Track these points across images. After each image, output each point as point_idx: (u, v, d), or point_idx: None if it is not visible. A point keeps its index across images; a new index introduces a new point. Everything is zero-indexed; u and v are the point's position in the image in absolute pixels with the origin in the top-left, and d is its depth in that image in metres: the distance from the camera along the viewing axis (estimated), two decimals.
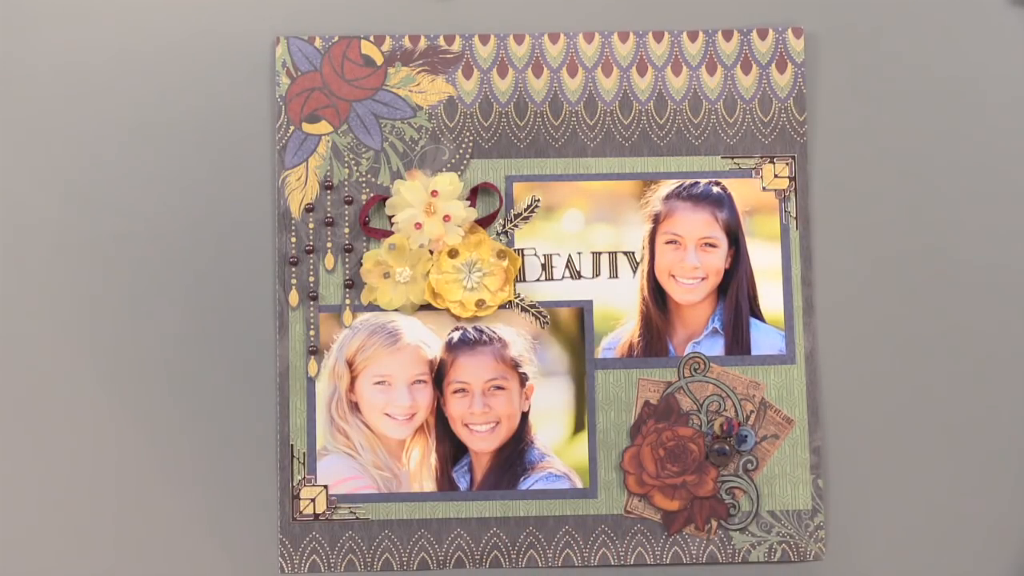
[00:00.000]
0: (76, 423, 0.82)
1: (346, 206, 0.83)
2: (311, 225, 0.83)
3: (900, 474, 0.83)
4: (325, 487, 0.82)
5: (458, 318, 0.83)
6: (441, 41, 0.84)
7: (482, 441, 0.82)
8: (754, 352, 0.83)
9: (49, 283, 0.83)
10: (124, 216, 0.83)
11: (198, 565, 0.82)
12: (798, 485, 0.82)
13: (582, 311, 0.83)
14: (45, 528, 0.82)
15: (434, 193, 0.82)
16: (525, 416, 0.82)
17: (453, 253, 0.82)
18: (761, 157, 0.84)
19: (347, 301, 0.83)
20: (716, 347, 0.83)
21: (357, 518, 0.82)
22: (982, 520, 0.83)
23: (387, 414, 0.82)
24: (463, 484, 0.82)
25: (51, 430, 0.82)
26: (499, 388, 0.82)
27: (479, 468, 0.82)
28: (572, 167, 0.84)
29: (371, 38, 0.84)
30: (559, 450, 0.83)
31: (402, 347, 0.82)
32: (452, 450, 0.82)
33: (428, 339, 0.82)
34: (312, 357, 0.82)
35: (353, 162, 0.84)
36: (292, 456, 0.82)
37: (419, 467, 0.82)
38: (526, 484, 0.82)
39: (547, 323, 0.83)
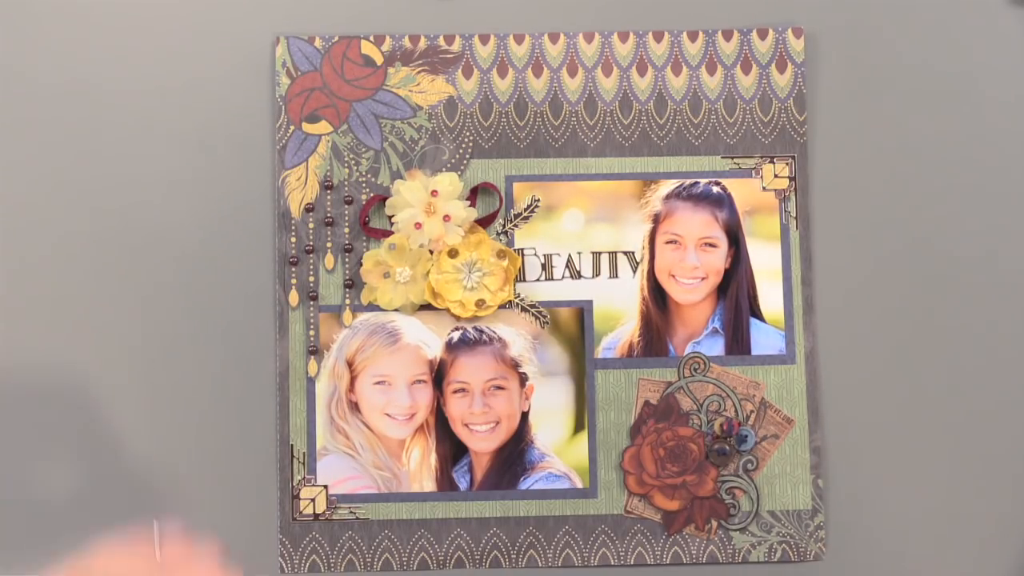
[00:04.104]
0: (75, 422, 0.82)
1: (346, 206, 0.83)
2: (311, 225, 0.83)
3: (900, 474, 0.83)
4: (325, 487, 0.82)
5: (458, 318, 0.82)
6: (441, 41, 0.84)
7: (482, 441, 0.82)
8: (754, 352, 0.83)
9: (48, 283, 0.83)
10: (124, 216, 0.83)
11: None
12: (798, 485, 0.82)
13: (582, 311, 0.83)
14: (45, 528, 0.81)
15: (434, 193, 0.82)
16: (525, 416, 0.82)
17: (453, 253, 0.82)
18: (761, 157, 0.84)
19: (347, 301, 0.83)
20: (716, 347, 0.83)
21: (357, 518, 0.82)
22: (982, 520, 0.83)
23: (387, 414, 0.82)
24: (463, 484, 0.82)
25: (50, 430, 0.82)
26: (499, 388, 0.82)
27: (479, 468, 0.82)
28: (572, 167, 0.84)
29: (371, 38, 0.84)
30: (559, 450, 0.82)
31: (402, 347, 0.82)
32: (452, 450, 0.82)
33: (428, 339, 0.82)
34: (312, 357, 0.82)
35: (353, 162, 0.83)
36: (292, 456, 0.82)
37: (419, 467, 0.82)
38: (526, 484, 0.82)
39: (547, 323, 0.83)
